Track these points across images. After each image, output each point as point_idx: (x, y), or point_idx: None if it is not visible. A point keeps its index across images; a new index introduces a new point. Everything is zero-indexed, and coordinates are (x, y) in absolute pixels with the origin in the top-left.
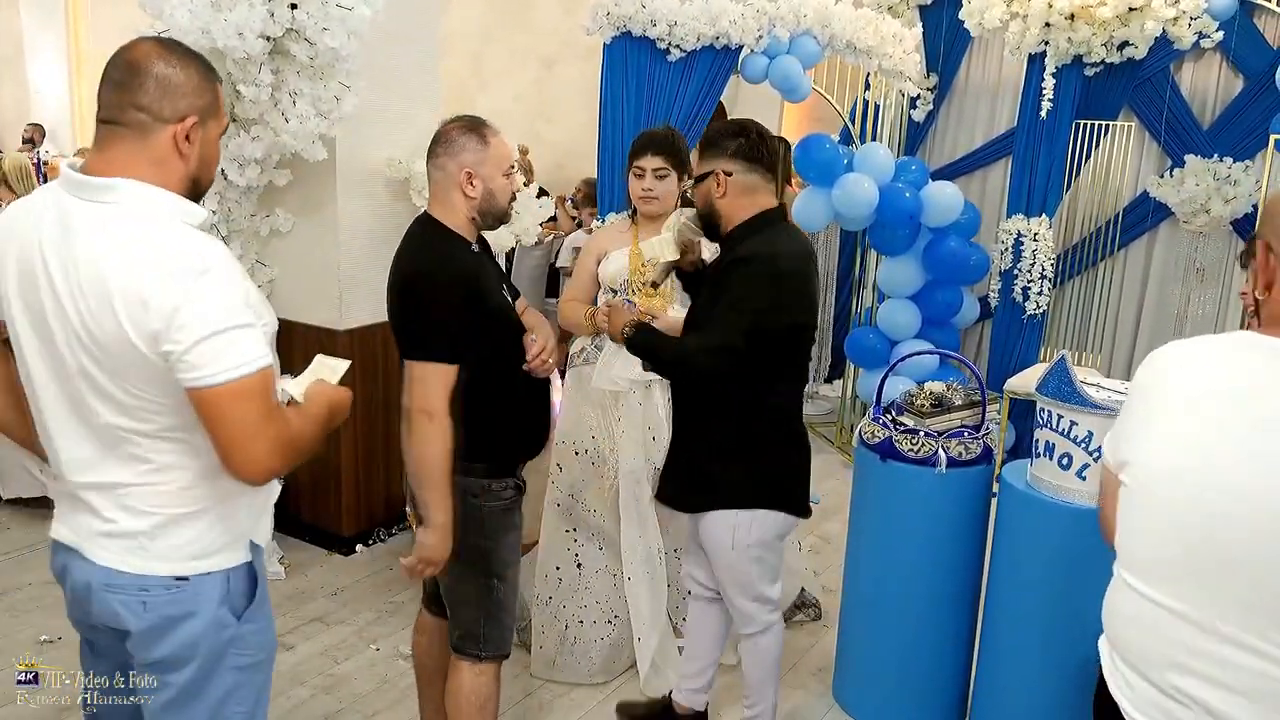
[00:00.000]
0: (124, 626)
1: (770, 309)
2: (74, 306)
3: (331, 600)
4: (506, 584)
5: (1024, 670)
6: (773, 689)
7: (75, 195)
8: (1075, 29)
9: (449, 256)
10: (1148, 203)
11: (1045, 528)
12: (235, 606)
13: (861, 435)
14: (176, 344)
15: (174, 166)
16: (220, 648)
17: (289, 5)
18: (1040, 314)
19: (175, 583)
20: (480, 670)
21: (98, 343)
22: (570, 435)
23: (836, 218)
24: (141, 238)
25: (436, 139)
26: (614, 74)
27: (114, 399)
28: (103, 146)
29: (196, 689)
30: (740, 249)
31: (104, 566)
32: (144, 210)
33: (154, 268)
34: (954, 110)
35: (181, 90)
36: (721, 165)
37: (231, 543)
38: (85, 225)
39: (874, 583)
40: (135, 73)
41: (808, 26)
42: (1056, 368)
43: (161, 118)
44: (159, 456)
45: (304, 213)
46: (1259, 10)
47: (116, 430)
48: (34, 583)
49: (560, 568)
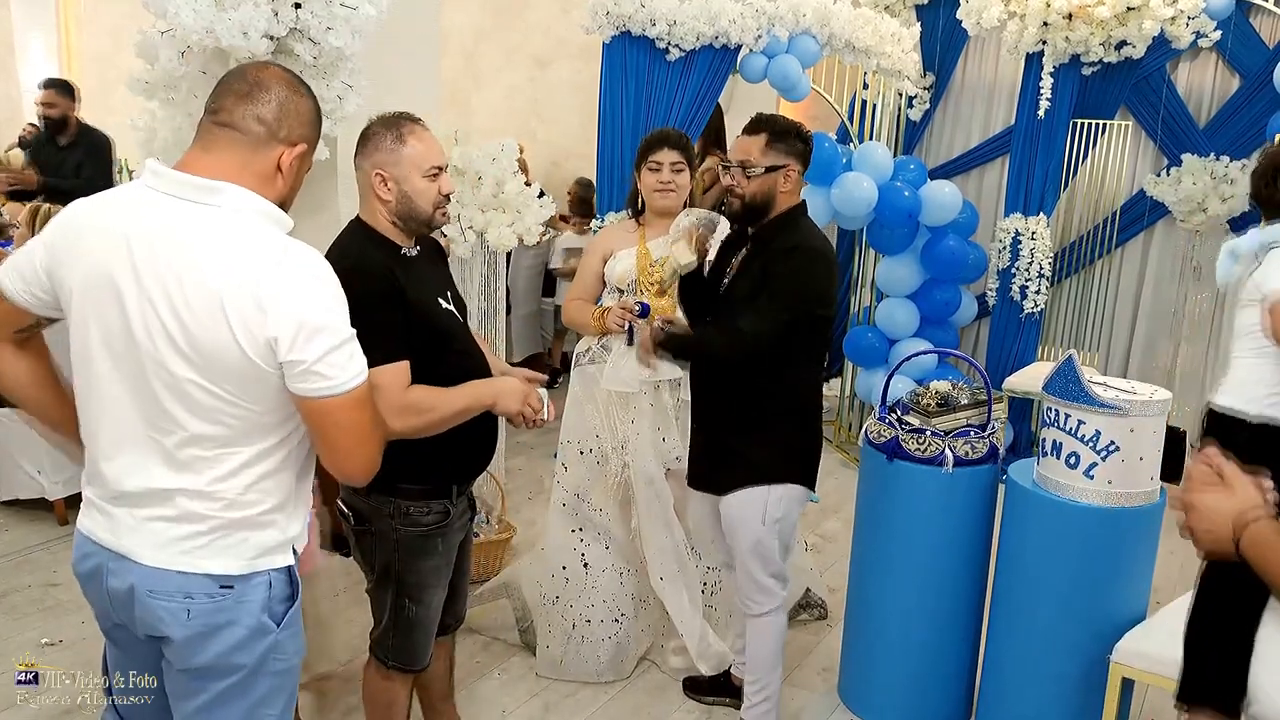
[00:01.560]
0: (165, 633)
1: (820, 296)
2: (168, 306)
3: (332, 602)
4: (421, 605)
5: (1030, 669)
6: (779, 671)
7: (172, 194)
8: (1073, 28)
9: (359, 256)
10: (1145, 201)
11: (1052, 526)
12: (275, 613)
13: (868, 435)
14: (302, 354)
15: (274, 184)
16: (261, 655)
17: (293, 5)
18: (1038, 312)
19: (220, 591)
20: (386, 676)
21: (195, 345)
22: (575, 435)
23: (835, 216)
24: (253, 243)
25: (359, 136)
26: (613, 73)
27: (195, 402)
28: (211, 147)
29: (233, 694)
30: (786, 238)
31: (151, 568)
32: (252, 216)
33: (270, 274)
34: (951, 109)
35: (302, 118)
36: (793, 163)
37: (278, 546)
38: (186, 225)
39: (880, 582)
40: (264, 89)
41: (807, 26)
42: (1064, 367)
43: (278, 136)
44: (226, 462)
45: (304, 213)
46: (1255, 10)
47: (188, 435)
48: (33, 585)
49: (567, 567)
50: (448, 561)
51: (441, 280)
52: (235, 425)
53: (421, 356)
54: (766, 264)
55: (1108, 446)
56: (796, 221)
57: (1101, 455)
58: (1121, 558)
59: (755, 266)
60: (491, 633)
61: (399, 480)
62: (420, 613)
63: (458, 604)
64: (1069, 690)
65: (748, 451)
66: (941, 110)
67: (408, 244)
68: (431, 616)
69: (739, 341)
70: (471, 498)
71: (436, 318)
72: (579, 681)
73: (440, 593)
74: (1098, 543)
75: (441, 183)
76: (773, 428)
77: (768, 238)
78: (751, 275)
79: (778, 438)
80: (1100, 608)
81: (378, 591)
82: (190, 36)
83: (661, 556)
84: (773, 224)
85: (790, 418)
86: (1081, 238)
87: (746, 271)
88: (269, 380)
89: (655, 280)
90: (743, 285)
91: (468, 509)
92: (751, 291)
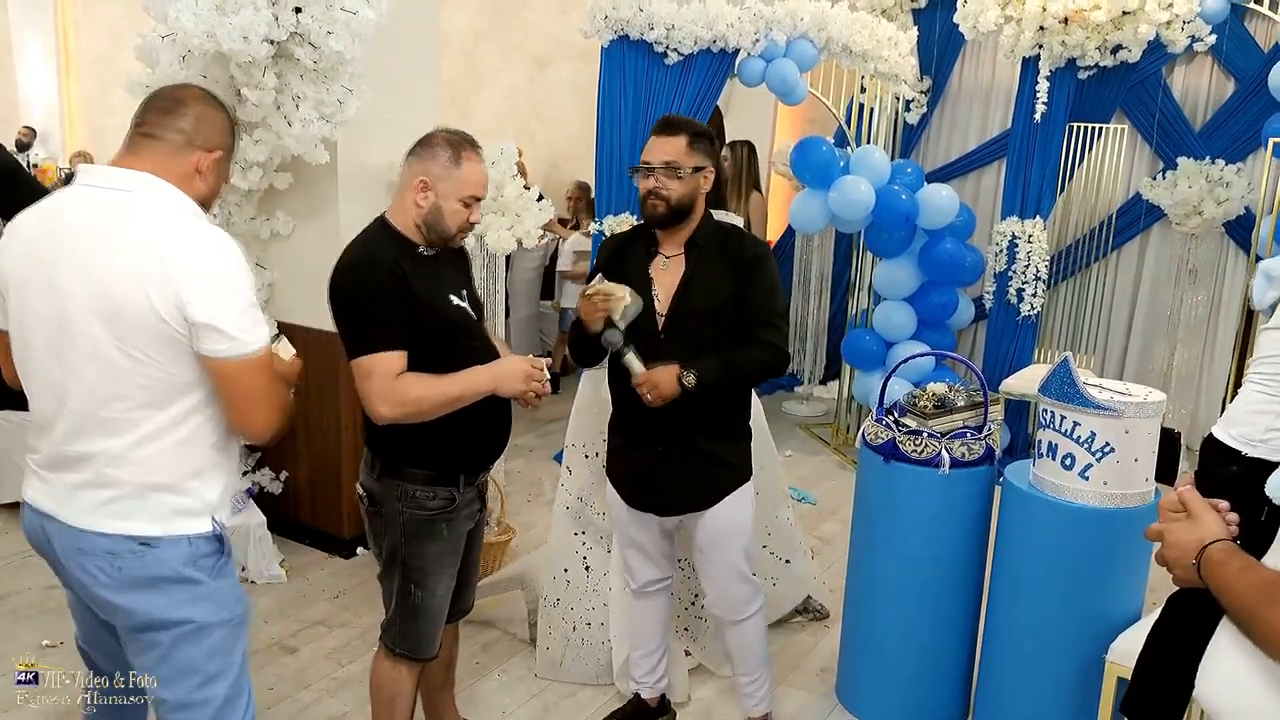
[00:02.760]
0: (99, 592)
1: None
2: (89, 276)
3: (333, 603)
4: (427, 592)
5: (1026, 669)
6: (769, 663)
7: (97, 185)
8: (1069, 32)
9: (373, 251)
10: (1140, 205)
11: (1048, 527)
12: (203, 567)
13: (865, 436)
14: (207, 317)
15: (193, 184)
16: (198, 608)
17: (293, 9)
18: (1034, 315)
19: (140, 548)
20: (394, 663)
21: (112, 310)
22: (580, 439)
23: (833, 220)
24: (163, 220)
25: (421, 138)
26: (612, 77)
27: (114, 365)
28: (136, 150)
29: (183, 646)
30: (745, 247)
31: (79, 530)
32: (163, 200)
33: (178, 245)
34: (948, 113)
35: (217, 128)
36: (710, 164)
37: (195, 512)
38: (108, 210)
39: (877, 583)
40: (181, 104)
41: (804, 30)
42: (1060, 369)
43: (195, 143)
44: (142, 427)
45: (304, 216)
46: (1250, 14)
47: (107, 396)
48: (33, 588)
49: (569, 569)
50: (454, 549)
51: (457, 279)
52: (151, 387)
53: (431, 349)
54: (741, 274)
55: (1103, 448)
56: (738, 229)
57: (1096, 456)
58: (1117, 558)
59: (715, 277)
60: (502, 625)
61: (406, 464)
62: (426, 600)
63: (466, 595)
64: (1065, 690)
65: (727, 456)
66: (938, 114)
67: (425, 246)
68: (438, 605)
69: (779, 353)
70: (483, 491)
71: (446, 312)
72: (578, 683)
73: (447, 581)
74: (1093, 543)
75: (473, 212)
76: (742, 428)
77: (712, 246)
78: (709, 286)
79: (744, 435)
80: (1096, 608)
81: (386, 576)
82: (191, 41)
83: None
84: (712, 231)
85: (745, 413)
86: (1078, 241)
87: (702, 282)
88: (179, 343)
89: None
90: (700, 296)
91: (476, 499)
92: (722, 303)
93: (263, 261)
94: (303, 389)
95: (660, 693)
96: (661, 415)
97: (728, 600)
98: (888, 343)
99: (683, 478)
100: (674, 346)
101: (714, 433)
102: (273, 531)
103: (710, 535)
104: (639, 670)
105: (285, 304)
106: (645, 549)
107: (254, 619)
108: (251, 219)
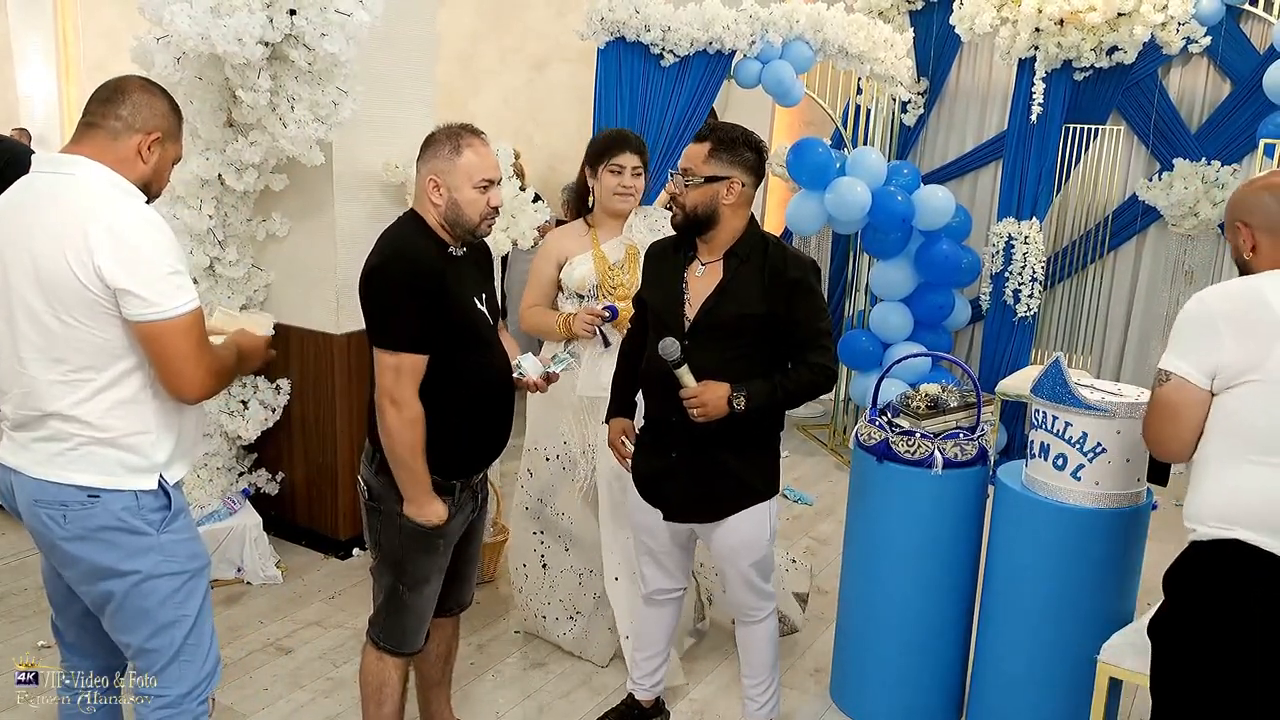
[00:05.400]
0: (51, 539)
1: None
2: (27, 249)
3: (329, 604)
4: (414, 593)
5: (1019, 669)
6: (776, 670)
7: (43, 171)
8: (1065, 34)
9: (410, 247)
10: (1137, 206)
11: (1040, 528)
12: (150, 520)
13: (858, 437)
14: (128, 282)
15: (134, 166)
16: (148, 559)
17: (288, 11)
18: (1031, 316)
19: (89, 499)
20: (379, 656)
21: (44, 280)
22: (541, 441)
23: (829, 221)
24: (93, 196)
25: (423, 140)
26: (608, 79)
27: (51, 332)
28: (78, 139)
29: (136, 596)
30: (792, 265)
31: (35, 480)
32: (97, 180)
33: (102, 216)
34: (944, 114)
35: (155, 111)
36: (738, 174)
37: (141, 470)
38: (46, 190)
39: (871, 583)
40: (121, 93)
41: (800, 32)
42: (1051, 370)
43: (133, 127)
44: (85, 387)
45: (301, 217)
46: (1245, 15)
47: (51, 360)
48: (29, 588)
49: (527, 565)
50: (446, 550)
51: (478, 281)
52: (85, 351)
53: (451, 349)
54: (780, 292)
55: (1094, 448)
56: (781, 244)
57: (1088, 457)
58: (1109, 559)
59: (749, 289)
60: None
61: None
62: (413, 599)
63: (464, 589)
64: (1058, 690)
65: (747, 470)
66: (935, 115)
67: (455, 245)
68: (424, 604)
69: (828, 373)
70: (480, 488)
71: (466, 316)
72: (573, 683)
73: (435, 581)
74: (1085, 544)
75: (491, 195)
76: (768, 443)
77: (754, 258)
78: (741, 298)
79: (771, 451)
80: (1088, 608)
81: (378, 568)
82: (186, 43)
83: (609, 555)
84: (755, 244)
85: (777, 429)
86: (1074, 242)
87: (735, 293)
88: (105, 309)
89: (618, 284)
90: (730, 307)
91: (471, 499)
92: (751, 316)
93: (259, 263)
94: (298, 390)
95: (656, 695)
96: (686, 426)
97: (739, 603)
98: (884, 344)
99: (693, 488)
100: (696, 354)
101: (737, 446)
102: (269, 532)
103: (720, 549)
104: (638, 671)
105: (282, 305)
106: (657, 556)
107: (250, 619)
108: (248, 220)
